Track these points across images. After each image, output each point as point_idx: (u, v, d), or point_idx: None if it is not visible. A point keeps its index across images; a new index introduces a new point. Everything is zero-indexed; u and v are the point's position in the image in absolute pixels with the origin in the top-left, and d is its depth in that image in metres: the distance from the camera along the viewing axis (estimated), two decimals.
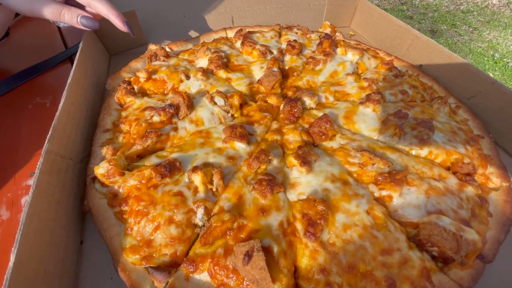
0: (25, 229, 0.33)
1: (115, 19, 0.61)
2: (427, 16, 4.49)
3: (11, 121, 0.66)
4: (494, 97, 0.60)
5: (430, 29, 4.16)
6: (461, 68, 0.66)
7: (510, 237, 0.47)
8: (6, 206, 0.52)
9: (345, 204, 0.43)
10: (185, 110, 0.56)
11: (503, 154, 0.60)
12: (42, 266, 0.35)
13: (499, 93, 0.59)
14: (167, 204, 0.42)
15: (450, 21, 4.30)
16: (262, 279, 0.34)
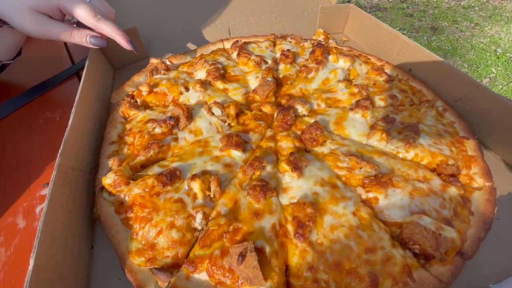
0: (42, 236, 0.37)
1: (120, 39, 0.66)
2: (427, 14, 4.48)
3: (25, 135, 0.71)
4: (479, 100, 0.63)
5: (431, 26, 4.15)
6: (448, 72, 0.68)
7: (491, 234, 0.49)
8: (22, 215, 0.57)
9: (333, 206, 0.46)
10: (185, 121, 0.60)
11: (488, 155, 0.63)
12: (58, 269, 0.39)
13: (483, 95, 0.62)
14: (168, 210, 0.46)
15: (451, 17, 4.28)
16: (254, 277, 0.38)
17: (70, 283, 0.40)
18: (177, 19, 0.90)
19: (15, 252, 0.51)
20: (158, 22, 0.77)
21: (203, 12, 0.93)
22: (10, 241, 0.52)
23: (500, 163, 0.61)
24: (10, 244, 0.52)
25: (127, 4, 0.90)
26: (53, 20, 0.63)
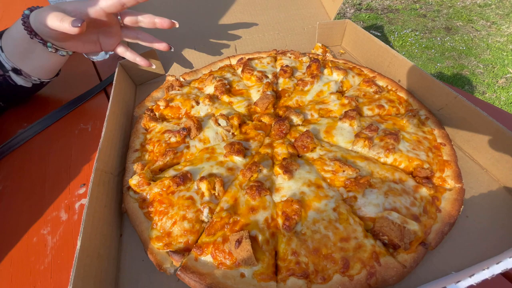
0: (86, 224, 0.49)
1: (159, 45, 0.82)
2: (441, 13, 4.41)
3: (63, 143, 0.84)
4: (457, 109, 0.69)
5: (445, 26, 4.09)
6: (430, 84, 0.75)
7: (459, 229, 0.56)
8: (64, 210, 0.69)
9: (316, 203, 0.55)
10: (195, 131, 0.71)
11: (466, 159, 0.69)
12: (97, 249, 0.50)
13: (460, 105, 0.68)
14: (181, 205, 0.56)
15: (466, 16, 4.20)
16: (248, 258, 0.48)
17: (105, 261, 0.52)
18: (189, 39, 1.02)
19: (59, 239, 0.63)
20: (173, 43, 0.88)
21: (212, 32, 1.05)
22: (55, 231, 0.65)
23: (476, 166, 0.68)
24: (55, 233, 0.64)
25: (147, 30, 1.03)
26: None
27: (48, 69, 0.85)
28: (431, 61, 3.49)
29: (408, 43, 3.77)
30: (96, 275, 0.47)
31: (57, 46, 0.76)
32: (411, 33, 3.93)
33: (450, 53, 3.57)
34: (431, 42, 3.77)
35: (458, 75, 3.30)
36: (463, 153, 0.70)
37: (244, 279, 0.48)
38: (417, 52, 3.64)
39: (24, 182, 0.74)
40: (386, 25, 4.15)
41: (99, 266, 0.49)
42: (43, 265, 0.59)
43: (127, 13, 0.78)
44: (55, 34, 0.71)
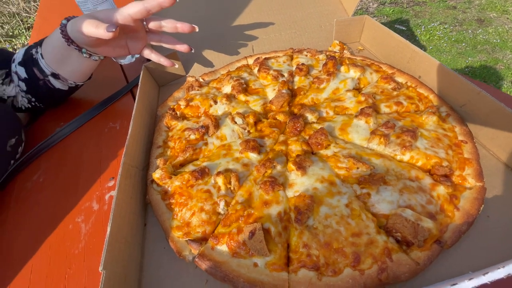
0: (115, 213, 0.54)
1: (181, 47, 0.87)
2: (473, 4, 4.14)
3: (95, 141, 0.92)
4: (481, 105, 0.67)
5: (477, 18, 3.83)
6: (452, 79, 0.73)
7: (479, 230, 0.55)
8: (96, 200, 0.75)
9: (329, 199, 0.56)
10: (213, 129, 0.75)
11: (489, 157, 0.66)
12: (124, 236, 0.55)
13: (484, 101, 0.66)
14: (199, 198, 0.60)
15: (500, 7, 3.91)
16: (261, 249, 0.50)
17: (131, 247, 0.57)
18: (209, 41, 1.06)
19: (91, 227, 0.69)
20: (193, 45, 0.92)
21: (230, 34, 1.08)
22: (88, 219, 0.71)
23: (501, 165, 0.65)
24: (88, 222, 0.71)
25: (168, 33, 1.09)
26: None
27: (82, 73, 0.93)
28: (462, 56, 3.29)
29: (436, 37, 3.58)
30: (123, 259, 0.52)
31: (91, 52, 0.84)
32: (439, 26, 3.73)
33: (483, 47, 3.35)
34: (462, 35, 3.55)
35: (492, 69, 3.09)
36: (487, 151, 0.68)
37: (257, 268, 0.50)
38: (446, 46, 3.45)
39: (61, 176, 0.82)
40: (412, 19, 3.97)
41: (126, 251, 0.54)
42: (77, 250, 0.65)
43: (152, 19, 0.84)
44: (89, 41, 0.78)
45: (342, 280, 0.47)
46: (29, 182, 0.82)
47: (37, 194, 0.78)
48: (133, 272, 0.55)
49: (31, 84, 0.90)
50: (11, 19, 4.17)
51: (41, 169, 0.85)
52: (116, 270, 0.48)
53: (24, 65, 0.88)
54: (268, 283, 0.48)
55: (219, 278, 0.51)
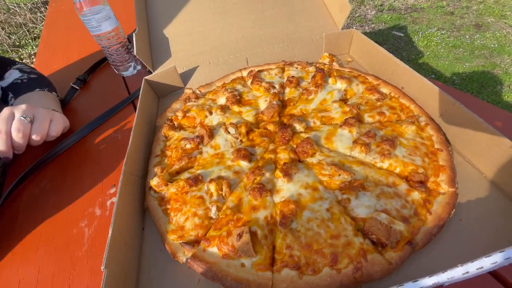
0: (115, 217, 0.59)
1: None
2: (470, 10, 4.19)
3: (98, 150, 0.97)
4: (456, 116, 0.71)
5: (475, 23, 3.88)
6: (430, 91, 0.78)
7: (451, 232, 0.59)
8: (98, 206, 0.81)
9: (311, 204, 0.61)
10: (207, 139, 0.80)
11: (465, 164, 0.71)
12: (124, 239, 0.60)
13: (458, 112, 0.70)
14: (193, 203, 0.65)
15: (498, 12, 3.95)
16: (248, 250, 0.55)
17: (130, 249, 0.62)
18: (206, 55, 1.13)
19: (94, 231, 0.75)
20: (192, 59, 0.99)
21: (226, 47, 1.14)
22: (91, 224, 0.76)
23: (475, 171, 0.69)
24: (91, 226, 0.76)
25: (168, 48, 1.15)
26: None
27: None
28: (459, 61, 3.33)
29: (433, 42, 3.63)
30: (123, 259, 0.57)
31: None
32: (436, 32, 3.78)
33: (481, 52, 3.39)
34: (459, 40, 3.60)
35: (489, 74, 3.12)
36: (463, 158, 0.72)
37: (244, 268, 0.55)
38: (444, 52, 3.49)
39: (66, 183, 0.88)
40: (410, 25, 4.02)
41: (125, 252, 0.59)
42: (80, 252, 0.70)
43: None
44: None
45: (321, 278, 0.52)
46: (37, 189, 0.87)
47: (44, 201, 0.84)
48: (132, 272, 0.60)
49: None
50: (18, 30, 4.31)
51: (48, 177, 0.91)
52: (116, 270, 0.53)
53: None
54: (253, 282, 0.53)
55: (210, 278, 0.56)
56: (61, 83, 1.24)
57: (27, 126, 0.81)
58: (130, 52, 1.26)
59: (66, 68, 1.45)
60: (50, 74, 1.28)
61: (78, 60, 1.49)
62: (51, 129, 0.89)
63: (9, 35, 4.20)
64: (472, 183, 0.67)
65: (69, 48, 1.61)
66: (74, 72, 1.30)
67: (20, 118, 0.80)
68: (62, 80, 1.26)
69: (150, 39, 1.19)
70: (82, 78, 1.27)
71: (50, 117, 0.88)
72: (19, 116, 0.80)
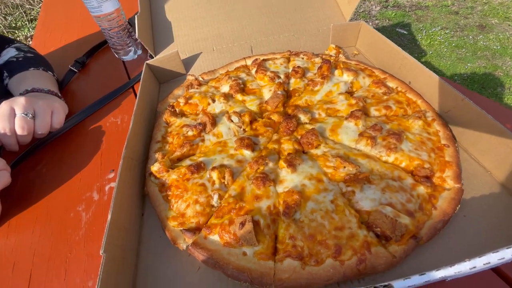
0: (115, 201, 0.57)
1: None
2: (475, 10, 4.16)
3: (97, 134, 0.95)
4: (464, 112, 0.70)
5: (479, 24, 3.86)
6: (439, 85, 0.76)
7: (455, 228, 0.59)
8: (96, 191, 0.79)
9: (315, 195, 0.60)
10: (210, 126, 0.78)
11: (471, 161, 0.70)
12: (123, 223, 0.59)
13: (467, 108, 0.69)
14: (194, 191, 0.64)
15: (503, 14, 3.93)
16: (250, 239, 0.54)
17: (129, 234, 0.60)
18: (209, 41, 1.10)
19: (91, 216, 0.73)
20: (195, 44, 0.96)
21: (231, 34, 1.12)
22: (88, 209, 0.75)
23: (480, 168, 0.68)
24: (88, 211, 0.74)
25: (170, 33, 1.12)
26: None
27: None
28: (461, 61, 3.32)
29: (436, 41, 3.61)
30: (122, 244, 0.56)
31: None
32: (440, 31, 3.75)
33: (483, 53, 3.38)
34: (463, 40, 3.58)
35: (491, 75, 3.12)
36: (468, 155, 0.71)
37: (246, 257, 0.54)
38: (446, 51, 3.47)
39: (63, 167, 0.86)
40: (414, 23, 3.99)
41: (124, 237, 0.57)
42: (78, 236, 0.69)
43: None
44: None
45: (324, 269, 0.51)
46: (32, 172, 0.85)
47: (40, 184, 0.82)
48: (130, 257, 0.58)
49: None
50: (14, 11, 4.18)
51: (44, 160, 0.89)
52: (115, 254, 0.52)
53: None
54: (255, 270, 0.52)
55: (211, 265, 0.55)
56: (59, 65, 1.20)
57: (30, 122, 0.80)
58: (131, 36, 1.22)
59: (64, 51, 1.41)
60: (47, 56, 1.24)
61: (77, 43, 1.45)
62: (54, 121, 0.87)
63: (5, 16, 4.08)
64: (477, 180, 0.66)
65: (67, 29, 1.56)
66: (73, 55, 1.26)
67: (22, 116, 0.79)
68: (60, 63, 1.22)
69: (153, 23, 1.15)
70: (81, 61, 1.23)
71: (51, 109, 0.86)
72: (20, 113, 0.79)
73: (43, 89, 0.94)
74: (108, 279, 0.48)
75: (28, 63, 1.05)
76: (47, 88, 0.95)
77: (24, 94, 0.90)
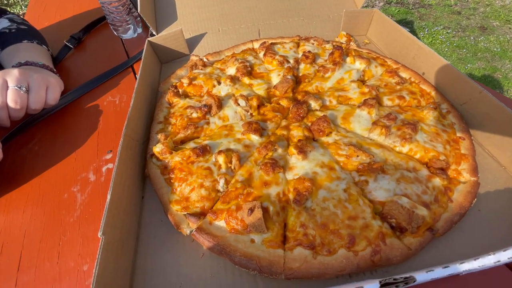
0: (115, 181, 0.53)
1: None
2: (477, 11, 4.15)
3: (93, 112, 0.90)
4: (481, 104, 0.68)
5: (480, 25, 3.86)
6: (456, 77, 0.74)
7: (470, 222, 0.57)
8: (92, 172, 0.75)
9: (328, 183, 0.57)
10: (216, 109, 0.74)
11: (485, 155, 0.68)
12: (123, 206, 0.55)
13: (485, 100, 0.67)
14: (200, 174, 0.60)
15: (504, 16, 3.94)
16: (259, 226, 0.51)
17: (129, 216, 0.57)
18: (215, 22, 1.04)
19: (87, 197, 0.69)
20: (199, 24, 0.91)
21: (238, 16, 1.06)
22: (84, 190, 0.71)
23: (495, 163, 0.67)
24: (84, 192, 0.70)
25: (174, 10, 1.06)
26: None
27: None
28: (462, 61, 3.32)
29: (438, 41, 3.60)
30: (121, 227, 0.52)
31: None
32: (442, 31, 3.74)
33: (483, 54, 3.39)
34: (464, 41, 3.58)
35: (490, 77, 3.13)
36: (483, 149, 0.69)
37: (254, 244, 0.51)
38: (447, 51, 3.47)
39: (57, 145, 0.81)
40: (416, 21, 3.97)
41: (124, 220, 0.54)
42: (72, 218, 0.65)
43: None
44: None
45: (336, 259, 0.48)
46: (24, 149, 0.80)
47: (32, 162, 0.77)
48: (130, 241, 0.55)
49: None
50: None
51: (37, 137, 0.83)
52: (114, 237, 0.48)
53: None
54: (264, 258, 0.49)
55: (216, 252, 0.52)
56: (53, 40, 1.13)
57: (23, 96, 0.74)
58: (131, 13, 1.16)
59: (59, 26, 1.33)
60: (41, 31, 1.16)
61: (73, 18, 1.37)
62: (49, 98, 0.81)
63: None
64: (491, 174, 0.64)
65: (63, 3, 1.48)
66: (68, 31, 1.19)
67: (15, 88, 0.72)
68: (54, 38, 1.15)
69: (155, 0, 1.09)
70: (77, 37, 1.16)
71: (46, 84, 0.80)
72: (13, 86, 0.72)
73: (37, 63, 0.88)
74: (106, 263, 0.45)
75: (21, 35, 0.98)
76: (42, 62, 0.89)
77: (17, 67, 0.84)
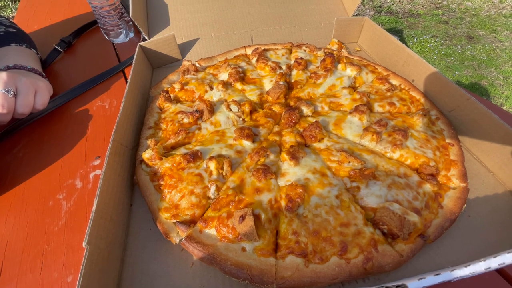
0: (102, 188, 0.52)
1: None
2: (464, 21, 4.29)
3: (82, 117, 0.88)
4: (469, 111, 0.69)
5: (467, 34, 3.98)
6: (444, 84, 0.75)
7: (460, 228, 0.57)
8: (79, 178, 0.72)
9: (320, 189, 0.57)
10: (207, 114, 0.74)
11: (473, 161, 0.69)
12: (109, 213, 0.53)
13: (472, 107, 0.68)
14: (190, 181, 0.59)
15: (489, 26, 4.08)
16: (250, 233, 0.50)
17: (116, 225, 0.55)
18: (208, 27, 1.04)
19: (73, 205, 0.67)
20: (192, 30, 0.91)
21: (230, 22, 1.07)
22: (70, 197, 0.68)
23: (483, 169, 0.68)
24: (70, 199, 0.68)
25: (166, 16, 1.06)
26: None
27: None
28: (450, 69, 3.42)
29: (427, 49, 3.70)
30: (108, 236, 0.50)
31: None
32: (431, 39, 3.85)
33: (470, 62, 3.49)
34: (451, 49, 3.69)
35: (476, 85, 3.23)
36: (471, 155, 0.70)
37: (245, 253, 0.50)
38: (436, 59, 3.56)
39: (43, 151, 0.79)
40: (405, 30, 4.07)
41: (110, 229, 0.52)
42: (57, 227, 0.63)
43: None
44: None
45: (329, 267, 0.48)
46: (8, 155, 0.77)
47: (16, 168, 0.74)
48: (117, 250, 0.53)
49: None
50: None
51: (22, 143, 0.81)
52: (100, 247, 0.47)
53: None
54: (255, 267, 0.48)
55: (206, 261, 0.50)
56: (42, 44, 1.11)
57: (11, 100, 0.72)
58: (123, 17, 1.15)
59: (50, 30, 1.31)
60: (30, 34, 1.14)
61: (64, 22, 1.35)
62: (37, 102, 0.78)
63: None
64: (480, 180, 0.65)
65: (54, 7, 1.46)
66: (58, 34, 1.17)
67: (3, 92, 0.70)
68: (43, 41, 1.13)
69: (147, 4, 1.08)
70: (67, 41, 1.14)
71: (35, 88, 0.78)
72: (1, 89, 0.70)
73: (26, 67, 0.86)
74: (91, 274, 0.43)
75: (9, 38, 0.96)
76: (30, 66, 0.87)
77: (5, 70, 0.82)
